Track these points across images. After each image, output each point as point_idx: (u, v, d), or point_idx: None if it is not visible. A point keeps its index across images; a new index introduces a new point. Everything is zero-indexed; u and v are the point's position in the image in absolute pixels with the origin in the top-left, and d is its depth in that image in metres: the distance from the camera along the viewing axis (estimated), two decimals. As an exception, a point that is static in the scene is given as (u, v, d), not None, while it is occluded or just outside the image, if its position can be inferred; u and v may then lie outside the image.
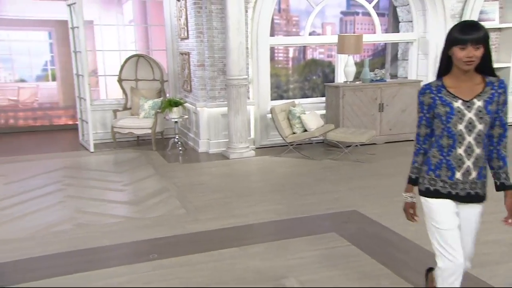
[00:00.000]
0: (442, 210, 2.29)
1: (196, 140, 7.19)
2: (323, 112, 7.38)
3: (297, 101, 7.23)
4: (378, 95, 7.20)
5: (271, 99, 7.35)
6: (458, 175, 2.24)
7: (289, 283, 3.12)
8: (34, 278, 3.22)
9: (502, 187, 2.29)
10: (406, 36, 8.08)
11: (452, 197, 2.28)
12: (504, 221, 2.31)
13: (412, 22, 7.99)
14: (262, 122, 7.17)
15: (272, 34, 7.49)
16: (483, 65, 2.19)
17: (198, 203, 4.75)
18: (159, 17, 8.17)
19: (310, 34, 7.73)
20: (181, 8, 7.29)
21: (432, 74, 7.87)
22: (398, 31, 8.34)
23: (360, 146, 6.77)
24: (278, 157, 6.63)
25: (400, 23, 8.30)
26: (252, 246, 3.69)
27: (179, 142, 7.10)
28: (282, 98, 8.39)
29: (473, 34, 2.11)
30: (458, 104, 2.19)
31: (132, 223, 4.30)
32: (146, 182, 5.61)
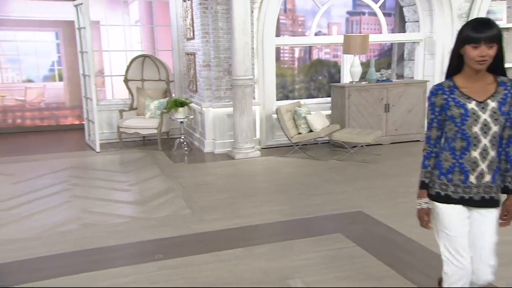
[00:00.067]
0: (452, 216, 2.23)
1: (201, 140, 7.20)
2: (329, 112, 7.36)
3: (302, 101, 7.22)
4: (384, 96, 7.17)
5: (277, 99, 7.35)
6: (472, 179, 2.17)
7: (294, 284, 3.12)
8: (40, 278, 3.24)
9: (506, 191, 2.26)
10: (412, 36, 8.04)
11: (464, 201, 2.21)
12: (501, 220, 2.30)
13: (418, 22, 7.95)
14: (267, 122, 7.17)
15: (277, 34, 7.49)
16: (495, 64, 2.13)
17: (203, 203, 4.76)
18: (165, 17, 8.20)
19: (316, 34, 7.71)
20: (187, 8, 7.30)
21: (438, 75, 7.83)
22: (404, 31, 8.30)
23: (365, 146, 6.75)
24: (283, 157, 6.63)
25: (406, 23, 8.26)
26: (257, 247, 3.69)
27: (185, 142, 7.11)
28: (287, 98, 8.38)
29: (486, 32, 2.03)
30: (472, 105, 2.11)
31: (137, 223, 4.31)
32: (151, 182, 5.63)
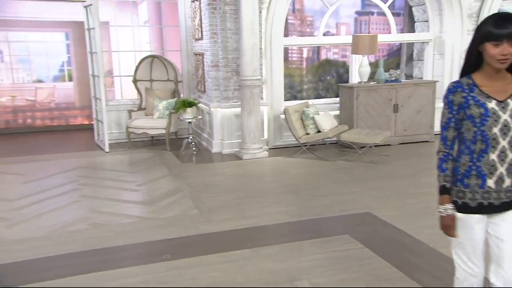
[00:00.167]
0: (468, 226, 2.11)
1: (209, 140, 7.22)
2: (337, 113, 7.34)
3: (310, 101, 7.21)
4: (393, 96, 7.14)
5: (285, 100, 7.34)
6: (490, 183, 2.04)
7: (301, 285, 3.12)
8: (49, 278, 3.26)
9: None
10: (421, 36, 7.99)
11: (483, 208, 2.08)
12: None
13: (428, 21, 7.90)
14: (275, 122, 7.17)
15: (286, 35, 7.48)
16: None
17: (211, 204, 4.77)
18: (174, 18, 8.23)
19: (324, 34, 7.69)
20: (195, 9, 7.32)
21: (448, 75, 7.78)
22: (413, 31, 8.25)
23: (374, 147, 6.72)
24: (291, 158, 6.62)
25: (415, 23, 8.21)
26: (264, 248, 3.70)
27: (193, 143, 7.14)
28: (295, 98, 8.38)
29: (509, 28, 1.89)
30: (492, 104, 2.00)
31: (146, 223, 4.33)
32: (160, 182, 5.65)
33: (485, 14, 7.62)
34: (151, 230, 4.13)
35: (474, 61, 2.05)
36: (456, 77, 8.54)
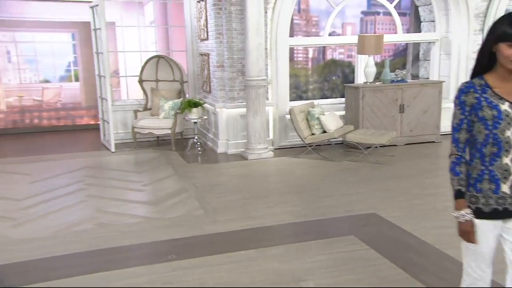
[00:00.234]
0: (482, 232, 2.04)
1: (215, 140, 7.23)
2: (343, 113, 7.32)
3: (316, 101, 7.19)
4: (398, 96, 7.11)
5: (290, 100, 7.34)
6: (505, 188, 1.97)
7: (306, 286, 3.11)
8: (56, 277, 3.28)
9: None
10: (428, 36, 7.96)
11: (497, 214, 2.01)
12: None
13: (434, 21, 7.86)
14: (280, 123, 7.17)
15: (291, 35, 7.48)
16: None
17: (216, 204, 4.78)
18: (180, 18, 8.25)
19: (330, 35, 7.68)
20: (201, 9, 7.34)
21: (454, 75, 7.75)
22: (419, 31, 8.22)
23: (380, 147, 6.70)
24: (296, 158, 6.62)
25: (422, 23, 8.18)
26: (270, 248, 3.70)
27: (198, 143, 7.15)
28: (301, 98, 8.37)
29: None
30: (505, 106, 1.94)
31: (151, 223, 4.35)
32: (165, 182, 5.67)
33: (492, 14, 7.58)
34: (157, 230, 4.14)
35: (486, 61, 2.00)
36: (462, 77, 8.50)
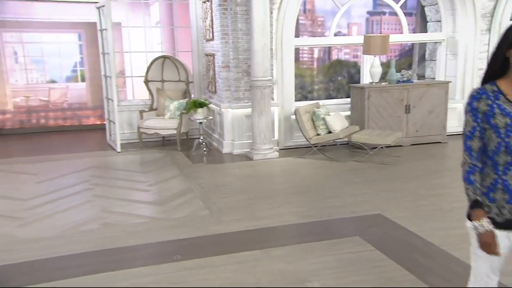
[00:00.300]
0: None
1: (220, 141, 7.24)
2: (348, 113, 7.31)
3: (321, 102, 7.18)
4: (404, 97, 7.08)
5: (295, 100, 7.34)
6: None
7: (312, 287, 3.11)
8: (62, 277, 3.30)
9: None
10: (434, 36, 7.92)
11: (510, 224, 1.95)
12: None
13: (440, 21, 7.83)
14: (286, 123, 7.16)
15: (297, 35, 7.47)
16: None
17: (221, 205, 4.79)
18: (185, 18, 8.26)
19: (336, 35, 7.67)
20: (206, 9, 7.35)
21: (461, 75, 7.71)
22: (426, 31, 8.19)
23: (385, 148, 6.68)
24: (302, 158, 6.61)
25: (428, 23, 8.14)
26: (275, 249, 3.70)
27: (204, 143, 7.16)
28: (306, 99, 8.35)
29: None
30: None
31: (157, 224, 4.36)
32: (171, 182, 5.68)
33: (499, 14, 7.53)
34: (162, 231, 4.16)
35: (499, 67, 1.94)
36: (469, 77, 8.43)
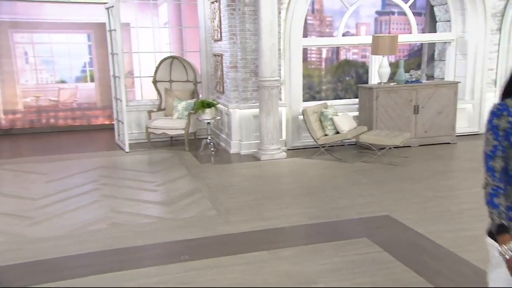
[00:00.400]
0: None
1: (228, 141, 7.25)
2: (356, 114, 7.28)
3: (329, 102, 7.16)
4: (413, 97, 7.04)
5: (303, 101, 7.32)
6: None
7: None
8: (71, 276, 3.33)
9: None
10: (443, 36, 7.87)
11: None
12: None
13: (450, 21, 7.77)
14: (293, 123, 7.16)
15: (305, 35, 7.46)
16: None
17: (229, 205, 4.79)
18: (193, 19, 8.29)
19: (344, 35, 7.64)
20: (214, 10, 7.36)
21: (470, 75, 7.65)
22: (435, 31, 8.13)
23: (393, 148, 6.64)
24: (309, 159, 6.60)
25: (437, 23, 8.09)
26: (282, 250, 3.70)
27: (211, 143, 7.18)
28: (314, 99, 8.35)
29: None
30: None
31: (164, 224, 4.38)
32: (178, 182, 5.70)
33: (510, 13, 7.47)
34: (170, 231, 4.17)
35: None
36: (478, 77, 8.35)
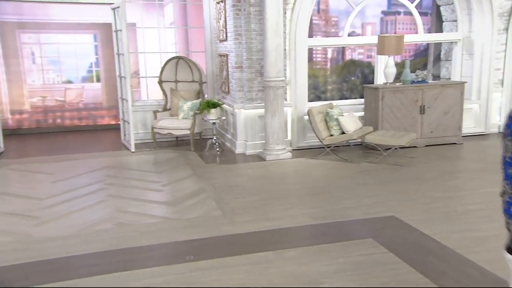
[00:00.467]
0: None
1: (233, 141, 7.26)
2: (362, 114, 7.26)
3: (335, 102, 7.15)
4: (419, 97, 7.01)
5: (309, 101, 7.32)
6: None
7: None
8: (77, 276, 3.35)
9: None
10: (450, 36, 7.83)
11: None
12: None
13: (456, 21, 7.74)
14: (299, 123, 7.15)
15: (310, 35, 7.45)
16: None
17: (234, 205, 4.80)
18: (199, 19, 8.30)
19: (350, 35, 7.63)
20: (220, 10, 7.37)
21: (477, 75, 7.61)
22: (441, 31, 8.09)
23: (399, 149, 6.62)
24: (315, 159, 6.59)
25: (443, 23, 8.05)
26: (287, 250, 3.70)
27: (217, 143, 7.19)
28: (319, 99, 8.34)
29: None
30: None
31: (170, 224, 4.39)
32: (184, 182, 5.72)
33: (516, 12, 7.41)
34: (175, 231, 4.18)
35: None
36: (485, 77, 8.31)
